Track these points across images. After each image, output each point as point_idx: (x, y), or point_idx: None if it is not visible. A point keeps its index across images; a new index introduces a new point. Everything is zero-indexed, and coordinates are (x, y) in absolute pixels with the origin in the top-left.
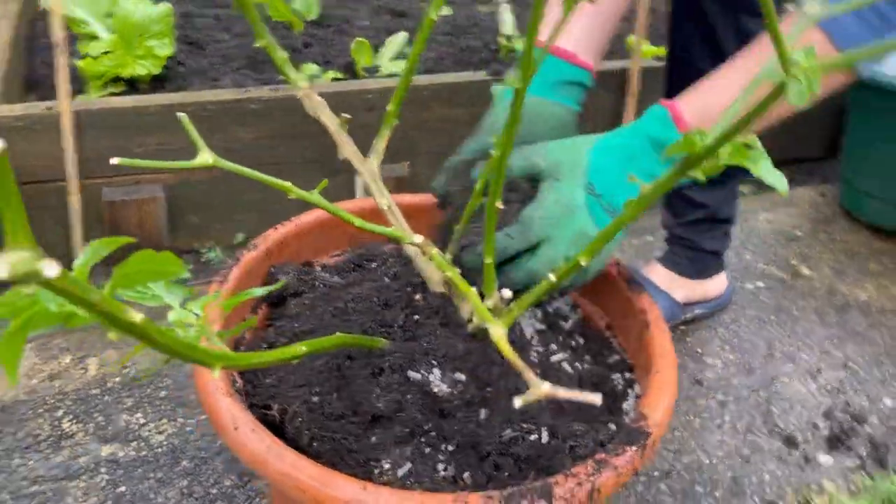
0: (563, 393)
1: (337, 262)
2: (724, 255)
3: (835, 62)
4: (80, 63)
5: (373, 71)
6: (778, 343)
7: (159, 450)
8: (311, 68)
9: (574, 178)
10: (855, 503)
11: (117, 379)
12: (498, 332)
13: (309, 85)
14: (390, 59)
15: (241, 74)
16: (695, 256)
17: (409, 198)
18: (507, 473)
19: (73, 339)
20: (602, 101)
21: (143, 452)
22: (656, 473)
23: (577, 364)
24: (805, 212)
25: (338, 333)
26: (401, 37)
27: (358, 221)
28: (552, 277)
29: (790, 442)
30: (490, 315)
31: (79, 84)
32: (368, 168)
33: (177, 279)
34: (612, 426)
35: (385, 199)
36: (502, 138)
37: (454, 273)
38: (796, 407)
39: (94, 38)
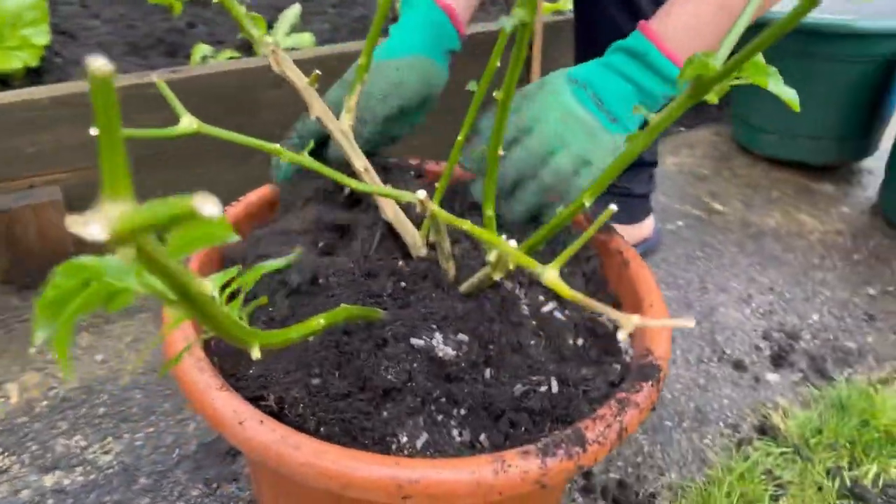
0: (653, 322)
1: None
2: (651, 199)
3: None
4: None
5: None
6: (708, 276)
7: (110, 471)
8: (204, 48)
9: (557, 78)
10: (809, 414)
11: (44, 403)
12: (551, 275)
13: (271, 43)
14: (285, 33)
15: (125, 62)
16: (626, 202)
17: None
18: (523, 429)
19: None
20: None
21: (92, 476)
22: None
23: (566, 311)
24: (706, 152)
25: (342, 305)
26: (294, 9)
27: (354, 183)
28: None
29: (739, 366)
30: (534, 261)
31: None
32: (340, 127)
33: None
34: (617, 366)
35: (361, 161)
36: (505, 84)
37: (471, 226)
38: (737, 333)
39: None
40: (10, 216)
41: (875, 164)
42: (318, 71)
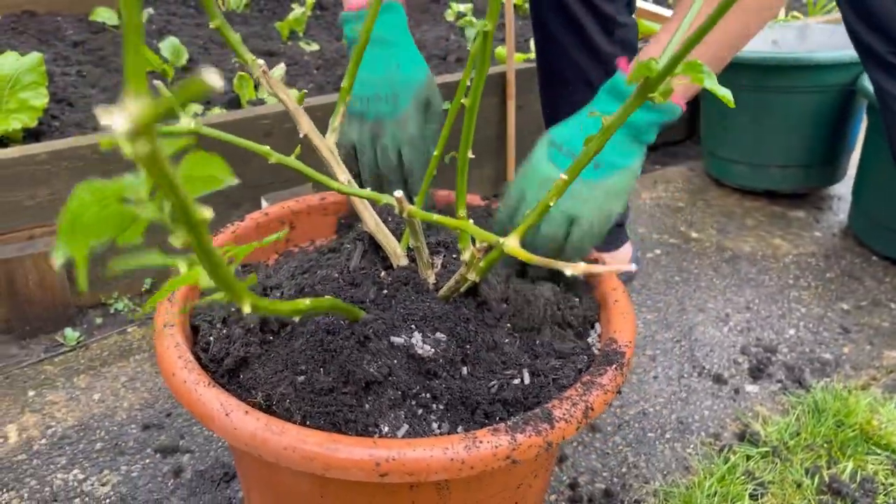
0: (599, 268)
1: (277, 264)
2: (625, 226)
3: None
4: None
5: (257, 103)
6: (687, 298)
7: (107, 501)
8: (195, 107)
9: (539, 145)
10: (788, 419)
11: (43, 441)
12: (512, 243)
13: (263, 65)
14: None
15: None
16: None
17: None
18: (498, 419)
19: None
20: (487, 105)
21: None
22: (609, 428)
23: None
24: (681, 186)
25: (327, 297)
26: (279, 70)
27: (335, 185)
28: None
29: (719, 379)
30: (492, 235)
31: None
32: (326, 144)
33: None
34: (584, 356)
35: (345, 175)
36: (472, 93)
37: (440, 217)
38: (716, 349)
39: None
40: (11, 266)
41: (844, 189)
42: (304, 90)
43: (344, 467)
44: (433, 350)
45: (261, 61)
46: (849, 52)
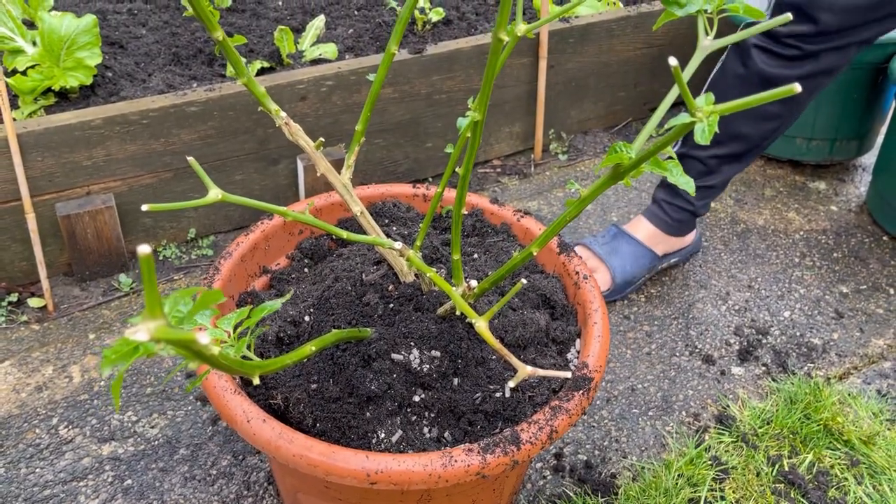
0: (542, 372)
1: (291, 264)
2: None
3: (730, 107)
4: (10, 80)
5: (297, 56)
6: (692, 274)
7: (156, 442)
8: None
9: None
10: (764, 405)
11: (102, 383)
12: (482, 326)
13: (285, 116)
14: (311, 44)
15: (168, 72)
16: (688, 219)
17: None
18: (479, 427)
19: (52, 351)
20: (519, 65)
21: (142, 446)
22: (598, 402)
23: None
24: None
25: (333, 330)
26: (319, 21)
27: (345, 234)
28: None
29: (708, 360)
30: (473, 311)
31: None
32: (341, 181)
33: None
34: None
35: (358, 207)
36: (465, 162)
37: (434, 274)
38: (711, 328)
39: (18, 52)
40: (72, 220)
41: (871, 160)
42: (322, 139)
43: (341, 475)
44: (428, 366)
45: (283, 114)
46: None
